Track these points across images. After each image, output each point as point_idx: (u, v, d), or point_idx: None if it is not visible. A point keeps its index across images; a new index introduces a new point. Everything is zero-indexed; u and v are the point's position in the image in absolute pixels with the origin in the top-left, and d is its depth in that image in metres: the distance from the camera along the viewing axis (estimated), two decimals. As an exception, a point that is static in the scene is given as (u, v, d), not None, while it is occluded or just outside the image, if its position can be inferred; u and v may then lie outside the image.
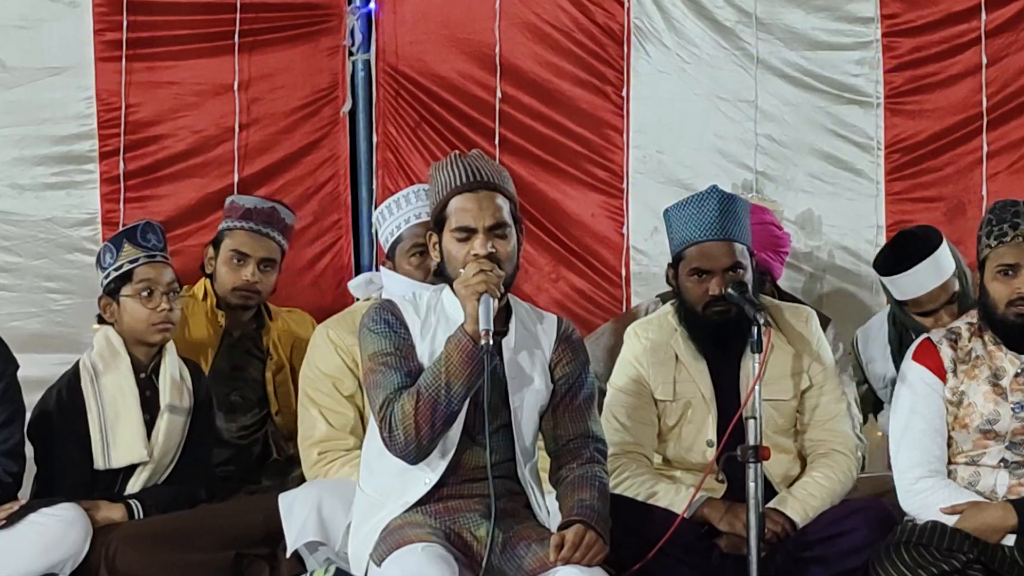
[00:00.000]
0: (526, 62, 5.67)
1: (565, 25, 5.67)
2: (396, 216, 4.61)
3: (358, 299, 4.76)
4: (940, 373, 4.13)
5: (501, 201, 3.75)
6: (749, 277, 4.23)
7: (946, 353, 4.14)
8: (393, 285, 4.50)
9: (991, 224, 4.13)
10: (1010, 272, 4.07)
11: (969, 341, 4.16)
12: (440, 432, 3.65)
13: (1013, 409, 4.09)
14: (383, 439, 3.67)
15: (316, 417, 4.47)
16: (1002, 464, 4.10)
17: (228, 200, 5.06)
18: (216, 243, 4.94)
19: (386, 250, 4.66)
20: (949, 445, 4.14)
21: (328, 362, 4.50)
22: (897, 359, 4.75)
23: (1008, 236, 4.08)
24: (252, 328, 4.97)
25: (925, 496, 4.07)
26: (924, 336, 4.23)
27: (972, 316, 4.22)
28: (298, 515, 4.21)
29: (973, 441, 4.12)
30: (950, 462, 4.14)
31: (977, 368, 4.12)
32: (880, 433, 5.39)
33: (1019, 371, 4.10)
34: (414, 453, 3.66)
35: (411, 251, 4.55)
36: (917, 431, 4.12)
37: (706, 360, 4.29)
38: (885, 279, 4.91)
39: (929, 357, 4.15)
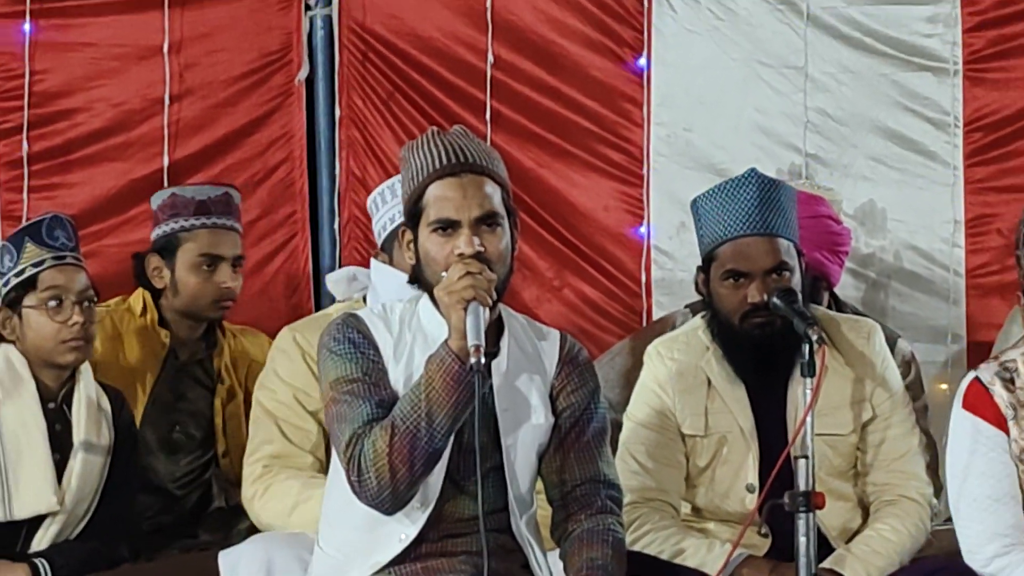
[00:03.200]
0: (525, 19, 5.71)
1: (571, -25, 5.71)
2: (394, 203, 4.60)
3: (337, 299, 4.76)
4: (1000, 423, 4.04)
5: (490, 188, 3.74)
6: (797, 282, 4.24)
7: (1000, 397, 4.03)
8: (386, 282, 4.48)
9: None
10: None
11: None
12: (421, 475, 3.64)
13: None
14: (351, 484, 3.65)
15: (271, 429, 4.46)
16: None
17: (167, 194, 5.04)
18: (165, 250, 4.93)
19: (380, 242, 4.65)
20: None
21: (292, 369, 4.50)
22: None
23: None
24: (202, 348, 4.98)
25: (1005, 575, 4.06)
26: (971, 376, 4.10)
27: None
28: (244, 574, 4.22)
29: (1047, 505, 4.10)
30: (1024, 529, 4.13)
31: None
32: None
33: None
34: (389, 500, 3.64)
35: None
36: (983, 498, 4.07)
37: (745, 386, 4.30)
38: None
39: (982, 403, 4.04)
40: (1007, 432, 4.05)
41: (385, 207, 4.61)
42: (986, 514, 4.07)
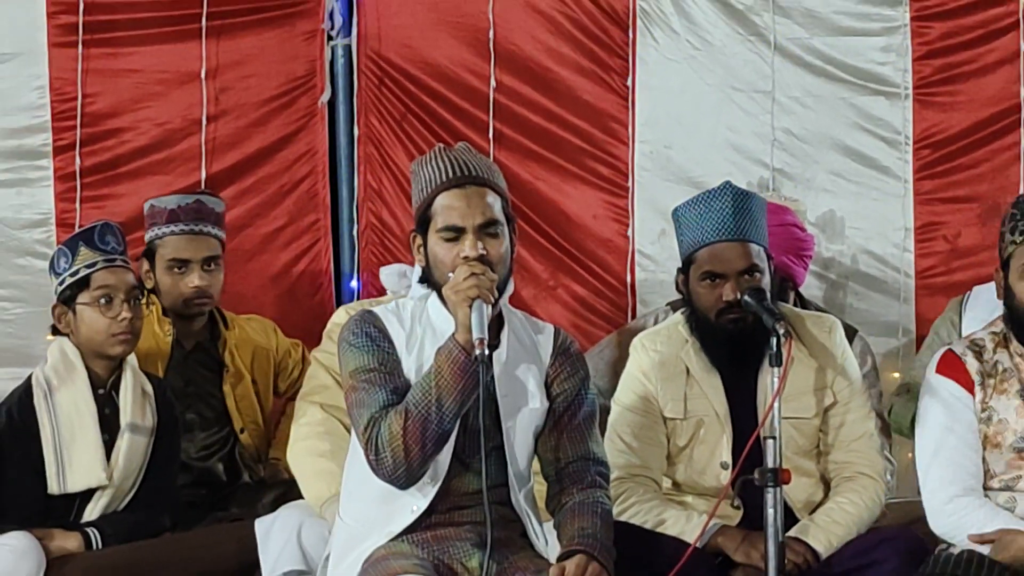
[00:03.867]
0: (523, 48, 5.68)
1: (565, 8, 5.68)
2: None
3: (388, 290, 4.80)
4: (968, 386, 4.10)
5: (492, 198, 3.74)
6: (767, 282, 4.23)
7: (972, 364, 4.12)
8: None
9: (1016, 219, 4.10)
10: None
11: (994, 352, 4.13)
12: (432, 453, 3.64)
13: None
14: (369, 462, 3.65)
15: (325, 376, 4.50)
16: (1039, 488, 4.10)
17: (147, 205, 5.02)
18: (149, 255, 4.92)
19: None
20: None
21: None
22: None
23: None
24: (206, 338, 4.96)
25: (958, 517, 4.05)
26: (945, 348, 4.21)
27: (995, 325, 4.18)
28: (276, 543, 4.24)
29: (1007, 462, 4.09)
30: (984, 487, 4.11)
31: (1006, 382, 4.10)
32: (910, 455, 5.38)
33: None
34: (404, 477, 3.64)
35: None
36: (949, 448, 4.10)
37: (720, 374, 4.28)
38: None
39: (954, 369, 4.12)
40: (974, 395, 4.10)
41: None
42: (949, 462, 4.10)
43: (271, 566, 4.21)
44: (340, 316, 4.64)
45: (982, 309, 4.95)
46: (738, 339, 4.20)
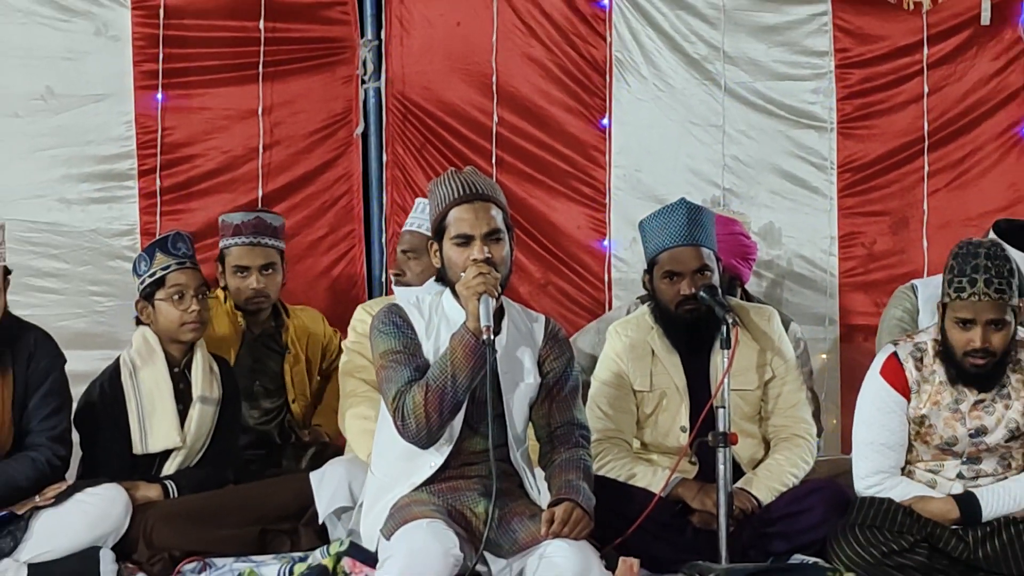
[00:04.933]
0: (520, 90, 5.64)
1: (554, 57, 5.65)
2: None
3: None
4: (904, 392, 4.02)
5: (495, 211, 3.74)
6: (716, 279, 4.22)
7: (911, 373, 4.02)
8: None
9: (952, 272, 3.91)
10: (967, 325, 3.90)
11: (934, 361, 4.01)
12: (447, 419, 3.64)
13: (971, 435, 4.00)
14: (396, 427, 3.65)
15: (361, 360, 4.45)
16: (958, 477, 4.05)
17: (220, 220, 5.01)
18: (221, 259, 4.92)
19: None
20: (910, 451, 4.07)
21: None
22: None
23: (966, 292, 3.86)
24: (271, 326, 4.94)
25: (880, 494, 4.03)
26: (891, 350, 4.08)
27: (939, 332, 4.02)
28: (328, 487, 4.22)
29: (932, 455, 4.06)
30: (910, 463, 4.08)
31: (940, 394, 4.00)
32: (835, 421, 5.37)
33: (978, 400, 4.00)
34: (425, 439, 3.65)
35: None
36: (879, 444, 4.04)
37: (679, 355, 4.27)
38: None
39: (895, 375, 4.02)
40: (909, 400, 4.02)
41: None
42: (878, 455, 4.05)
43: (326, 504, 4.19)
44: (360, 314, 4.60)
45: (931, 293, 4.63)
46: (694, 326, 4.21)
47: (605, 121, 5.68)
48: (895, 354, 4.06)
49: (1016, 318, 3.93)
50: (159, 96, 5.34)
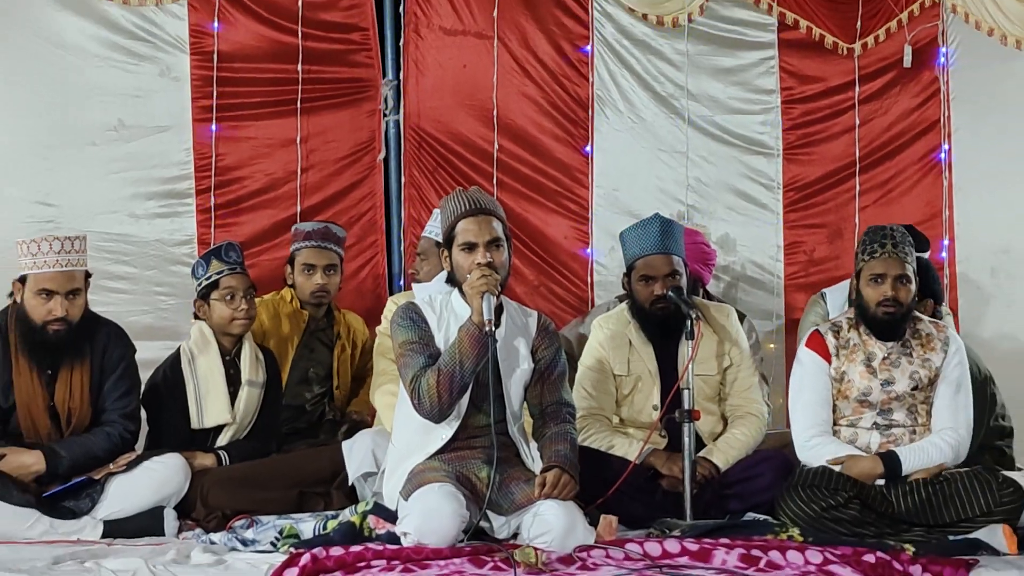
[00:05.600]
0: (516, 122, 5.64)
1: (545, 95, 5.65)
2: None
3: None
4: (826, 357, 4.09)
5: (496, 223, 3.74)
6: (684, 282, 4.22)
7: (831, 341, 4.11)
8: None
9: (865, 243, 4.09)
10: (879, 280, 4.04)
11: (848, 332, 4.12)
12: (456, 398, 3.64)
13: (882, 385, 4.06)
14: (413, 405, 3.65)
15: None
16: (874, 427, 4.07)
17: (293, 228, 5.05)
18: (291, 261, 4.93)
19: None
20: (835, 411, 4.10)
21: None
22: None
23: (878, 252, 4.04)
24: (325, 323, 4.94)
25: (815, 450, 4.04)
26: (813, 328, 4.19)
27: (850, 313, 4.17)
28: (357, 455, 4.23)
29: (852, 408, 4.08)
30: (836, 423, 4.10)
31: (854, 353, 4.08)
32: (781, 400, 5.37)
33: (886, 355, 4.07)
34: (437, 415, 3.65)
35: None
36: (810, 402, 4.08)
37: (652, 345, 4.27)
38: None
39: (818, 344, 4.11)
40: (830, 362, 4.07)
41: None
42: (809, 411, 4.09)
43: (355, 469, 4.20)
44: (389, 307, 4.64)
45: (837, 299, 4.98)
46: (664, 321, 4.20)
47: (588, 148, 5.68)
48: (817, 330, 4.17)
49: (915, 282, 4.05)
50: (213, 127, 5.33)
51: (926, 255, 4.91)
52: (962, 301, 5.71)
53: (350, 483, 4.22)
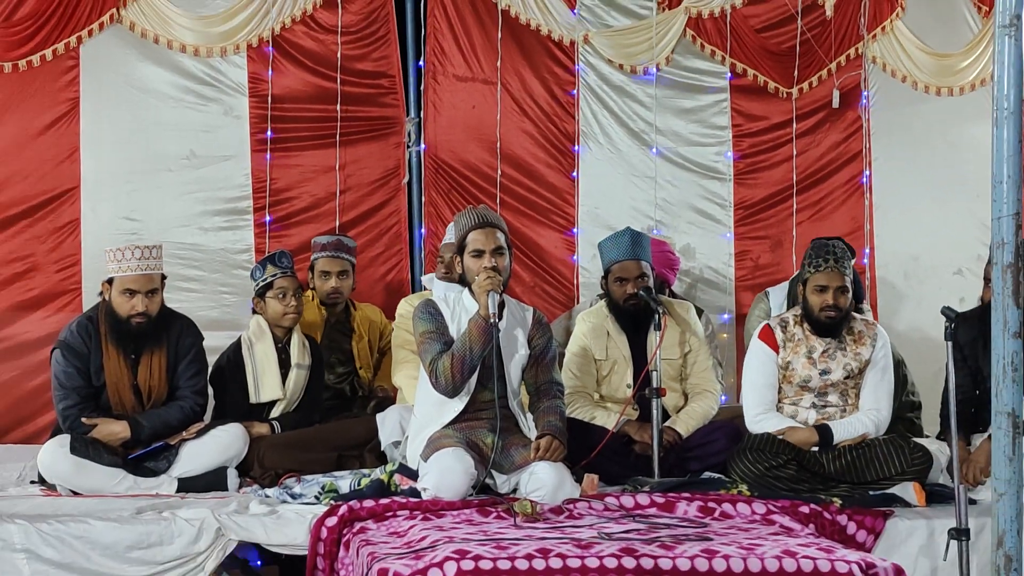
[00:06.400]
0: (516, 152, 5.59)
1: (540, 130, 5.60)
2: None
3: (428, 287, 4.73)
4: (775, 348, 4.05)
5: (499, 234, 3.74)
6: (651, 283, 4.22)
7: (779, 335, 4.06)
8: (437, 285, 4.51)
9: (811, 256, 4.03)
10: (823, 290, 3.98)
11: (794, 327, 4.07)
12: (467, 378, 3.63)
13: (820, 373, 4.02)
14: (431, 383, 3.65)
15: (407, 335, 4.38)
16: (812, 407, 4.05)
17: (312, 241, 4.98)
18: (311, 268, 4.88)
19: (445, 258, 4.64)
20: (779, 392, 4.07)
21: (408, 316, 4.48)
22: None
23: (822, 266, 3.98)
24: (344, 316, 4.90)
25: (762, 424, 4.01)
26: (764, 323, 4.15)
27: (796, 310, 4.11)
28: (388, 426, 4.20)
29: (794, 392, 4.05)
30: (780, 402, 4.07)
31: (798, 347, 4.03)
32: (732, 380, 5.36)
33: (824, 349, 4.03)
34: (451, 391, 3.65)
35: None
36: (760, 385, 4.05)
37: (626, 335, 4.25)
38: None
39: (768, 337, 4.06)
40: (778, 353, 4.04)
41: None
42: (758, 393, 4.06)
43: (386, 437, 4.17)
44: (403, 307, 4.58)
45: (778, 296, 4.96)
46: (635, 315, 4.19)
47: (575, 173, 5.64)
48: (768, 324, 4.13)
49: (851, 291, 4.01)
50: (268, 156, 5.31)
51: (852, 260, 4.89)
52: (880, 299, 5.70)
53: (382, 448, 4.20)
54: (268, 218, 5.33)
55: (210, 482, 4.01)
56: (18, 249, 5.08)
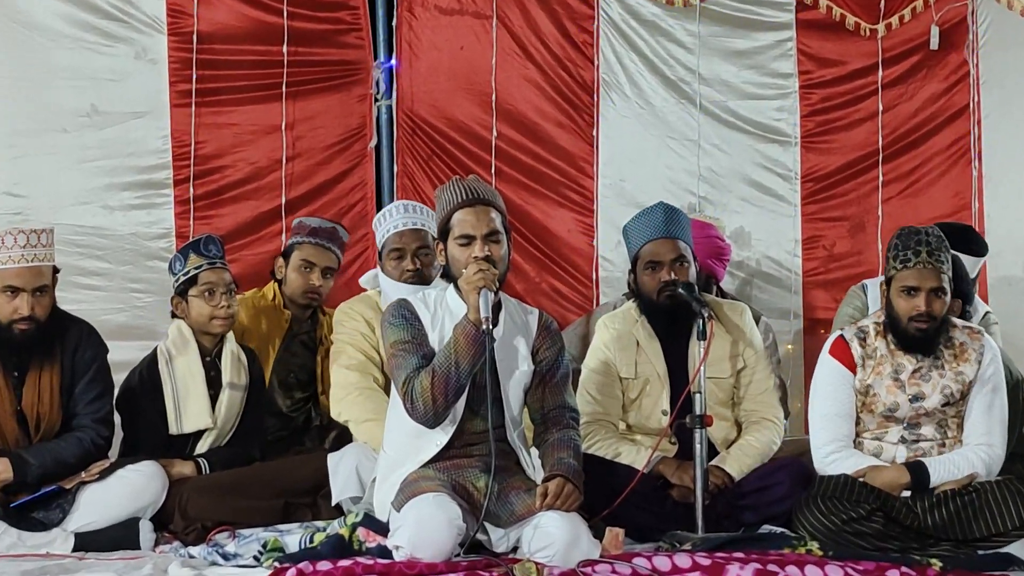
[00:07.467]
0: (517, 107, 5.64)
1: (548, 78, 5.65)
2: (382, 226, 4.57)
3: (367, 289, 4.72)
4: (851, 367, 4.04)
5: (494, 214, 3.72)
6: (693, 273, 4.21)
7: (856, 350, 4.05)
8: (386, 286, 4.47)
9: (897, 249, 4.00)
10: (912, 292, 3.96)
11: (875, 339, 4.05)
12: (452, 402, 3.62)
13: (911, 400, 4.02)
14: (406, 409, 3.64)
15: (350, 352, 4.44)
16: (900, 441, 4.05)
17: (296, 221, 4.98)
18: (286, 255, 4.85)
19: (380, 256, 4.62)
20: (858, 423, 4.07)
21: (351, 327, 4.49)
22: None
23: (911, 262, 3.95)
24: (309, 325, 4.90)
25: (835, 466, 4.02)
26: (838, 333, 4.13)
27: (879, 316, 4.09)
28: (342, 474, 4.19)
29: (877, 423, 4.05)
30: (859, 436, 4.08)
31: (881, 365, 4.03)
32: (799, 405, 5.36)
33: (915, 369, 4.02)
34: (432, 419, 3.63)
35: (390, 255, 4.49)
36: (832, 415, 4.05)
37: (661, 344, 4.25)
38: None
39: (842, 353, 4.06)
40: (855, 373, 4.04)
41: (380, 228, 4.55)
42: (830, 425, 4.06)
43: (339, 491, 4.18)
44: (340, 314, 4.58)
45: (877, 292, 4.87)
46: (673, 313, 4.17)
47: (594, 135, 5.67)
48: (842, 336, 4.10)
49: (949, 293, 3.99)
50: (192, 113, 5.32)
51: (984, 259, 4.90)
52: (993, 299, 5.68)
53: (333, 503, 4.20)
54: (193, 193, 5.33)
55: (117, 538, 4.01)
56: None
